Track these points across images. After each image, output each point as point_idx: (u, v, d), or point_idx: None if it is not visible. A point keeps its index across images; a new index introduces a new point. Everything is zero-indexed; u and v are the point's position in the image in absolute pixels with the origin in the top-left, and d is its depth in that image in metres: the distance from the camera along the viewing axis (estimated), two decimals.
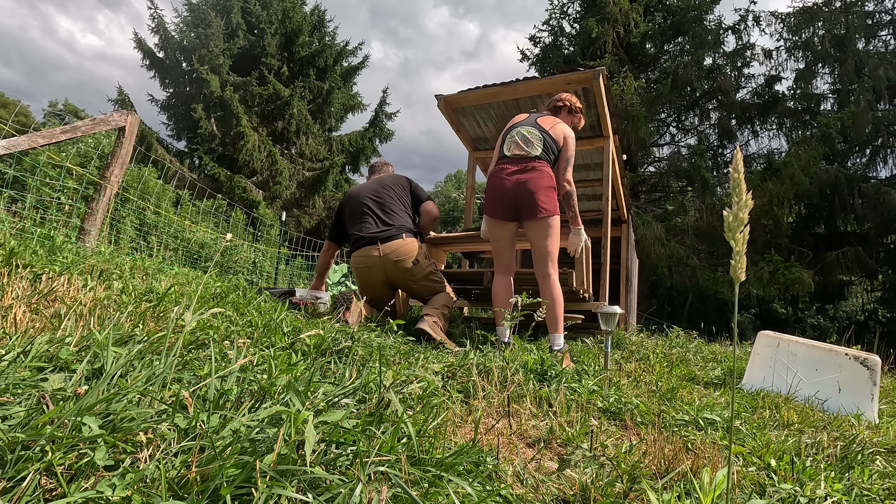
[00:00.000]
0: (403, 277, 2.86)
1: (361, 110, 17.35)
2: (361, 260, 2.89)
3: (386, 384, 1.06)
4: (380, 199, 3.01)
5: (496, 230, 2.74)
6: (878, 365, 2.51)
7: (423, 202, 3.17)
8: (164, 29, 14.30)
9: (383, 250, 2.82)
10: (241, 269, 7.18)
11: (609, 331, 2.37)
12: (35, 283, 1.65)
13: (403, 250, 2.82)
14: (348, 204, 3.09)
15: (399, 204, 3.01)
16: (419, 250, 2.88)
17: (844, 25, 12.04)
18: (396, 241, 2.83)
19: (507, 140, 2.78)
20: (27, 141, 2.93)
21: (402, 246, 2.82)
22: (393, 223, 2.91)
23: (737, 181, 0.66)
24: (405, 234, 2.86)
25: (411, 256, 2.83)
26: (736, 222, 0.65)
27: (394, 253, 2.81)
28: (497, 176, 2.71)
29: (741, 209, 0.65)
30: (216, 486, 0.61)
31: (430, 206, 3.16)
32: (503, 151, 2.77)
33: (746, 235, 0.65)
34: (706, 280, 11.01)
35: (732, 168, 0.66)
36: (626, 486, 0.94)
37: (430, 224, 3.20)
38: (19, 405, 0.75)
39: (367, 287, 2.98)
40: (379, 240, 2.84)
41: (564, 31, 14.85)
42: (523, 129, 2.75)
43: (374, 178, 3.25)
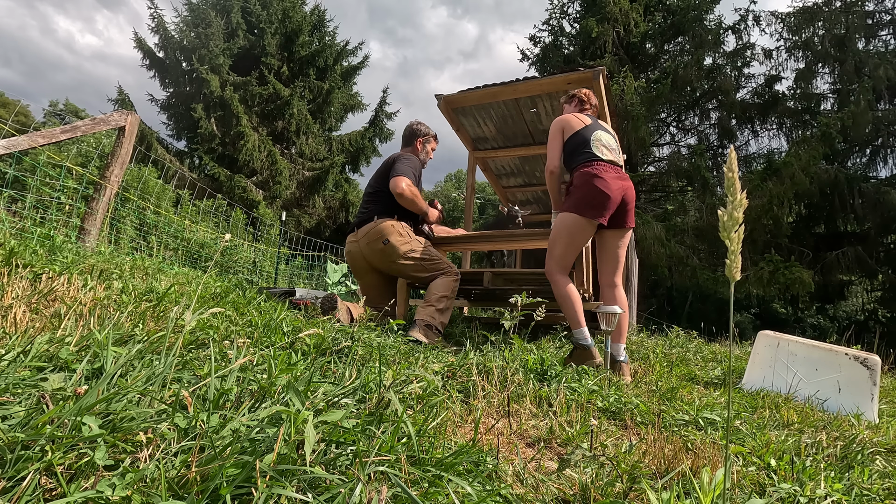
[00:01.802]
0: (382, 261, 2.88)
1: (361, 110, 17.36)
2: (347, 248, 3.04)
3: (386, 384, 1.06)
4: (371, 183, 3.06)
5: (588, 230, 2.52)
6: (878, 365, 2.51)
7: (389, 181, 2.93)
8: (164, 29, 14.30)
9: (358, 236, 2.92)
10: (241, 269, 7.18)
11: (609, 330, 2.36)
12: (35, 283, 1.65)
13: (373, 232, 2.85)
14: None
15: (381, 186, 2.96)
16: (392, 230, 2.84)
17: (844, 25, 12.04)
18: (367, 225, 2.89)
19: (594, 141, 2.60)
20: (27, 140, 2.93)
21: (371, 228, 2.86)
22: (368, 207, 2.95)
23: (731, 181, 0.66)
24: (377, 216, 2.88)
25: (381, 237, 2.83)
26: (731, 221, 0.65)
27: (365, 237, 2.87)
28: (602, 177, 2.47)
29: (736, 208, 0.65)
30: (216, 485, 0.61)
31: (391, 185, 2.85)
32: (594, 153, 2.56)
33: (741, 235, 0.65)
34: (706, 280, 11.01)
35: (727, 168, 0.66)
36: (625, 485, 0.94)
37: (404, 203, 2.87)
38: (19, 405, 0.75)
39: (358, 277, 3.09)
40: (356, 226, 2.96)
41: (564, 31, 14.85)
42: (604, 135, 2.66)
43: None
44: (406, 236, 2.89)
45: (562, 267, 2.55)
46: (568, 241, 2.53)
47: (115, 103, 13.53)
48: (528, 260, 6.68)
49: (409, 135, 3.23)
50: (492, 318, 4.61)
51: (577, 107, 2.90)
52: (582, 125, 2.68)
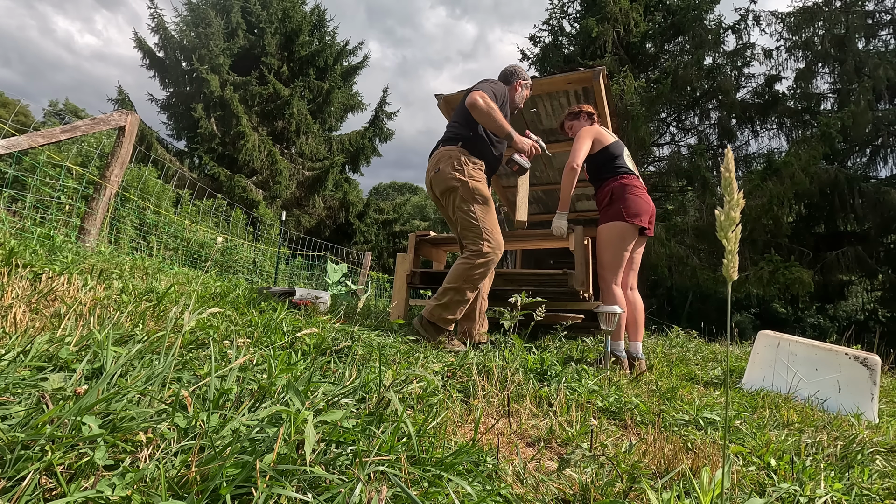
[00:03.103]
0: (439, 195, 2.55)
1: (361, 110, 17.37)
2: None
3: (386, 384, 1.06)
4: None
5: (633, 236, 2.68)
6: (878, 365, 2.51)
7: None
8: (163, 28, 14.30)
9: (429, 164, 2.61)
10: (241, 269, 7.18)
11: (609, 330, 2.37)
12: (35, 283, 1.65)
13: (432, 158, 2.56)
14: None
15: (456, 115, 2.64)
16: (446, 157, 2.47)
17: (844, 25, 12.03)
18: (434, 153, 2.58)
19: (627, 158, 2.83)
20: (27, 140, 2.93)
21: (433, 156, 2.58)
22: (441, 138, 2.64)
23: (728, 180, 0.66)
24: (442, 143, 2.56)
25: (435, 164, 2.50)
26: (727, 221, 0.65)
27: (430, 164, 2.58)
28: (640, 188, 2.73)
29: (732, 208, 0.65)
30: (216, 485, 0.61)
31: (466, 98, 2.47)
32: (629, 166, 2.77)
33: (738, 234, 0.65)
34: (706, 280, 11.00)
35: (724, 167, 0.66)
36: (625, 485, 0.94)
37: (478, 115, 2.43)
38: (19, 405, 0.75)
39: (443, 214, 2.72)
40: (431, 154, 2.66)
41: (564, 31, 14.84)
42: (627, 152, 2.89)
43: None
44: (460, 168, 2.44)
45: (614, 275, 2.68)
46: (620, 247, 2.67)
47: (114, 103, 13.53)
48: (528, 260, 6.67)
49: (508, 74, 2.82)
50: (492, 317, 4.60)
51: (588, 121, 3.01)
52: (612, 140, 2.86)
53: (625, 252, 2.67)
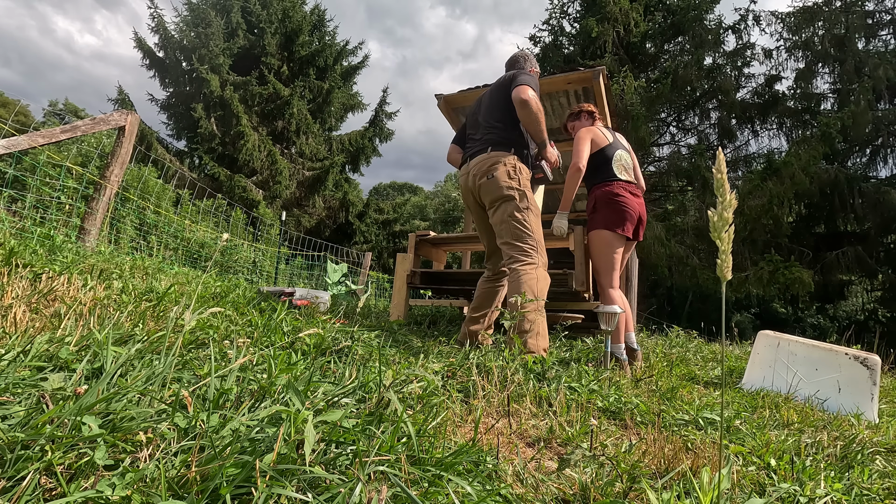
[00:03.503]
0: (484, 200, 2.41)
1: (361, 110, 17.37)
2: (461, 180, 2.57)
3: (386, 384, 1.06)
4: (483, 115, 2.53)
5: (620, 243, 2.71)
6: (878, 365, 2.51)
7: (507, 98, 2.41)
8: (163, 28, 14.30)
9: (470, 166, 2.46)
10: (241, 269, 7.18)
11: (609, 330, 2.37)
12: (35, 283, 1.65)
13: (484, 162, 2.40)
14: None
15: (498, 116, 2.46)
16: (500, 165, 2.34)
17: (844, 25, 12.03)
18: (481, 155, 2.41)
19: (615, 161, 2.79)
20: (27, 140, 2.93)
21: (483, 158, 2.41)
22: (483, 138, 2.46)
23: (720, 182, 0.66)
24: (491, 147, 2.39)
25: (489, 170, 2.36)
26: (721, 222, 0.65)
27: (477, 166, 2.41)
28: (624, 195, 2.70)
29: (725, 209, 0.65)
30: (216, 485, 0.61)
31: (516, 92, 2.30)
32: (615, 173, 2.74)
33: (732, 234, 0.65)
34: (706, 280, 11.00)
35: (715, 169, 0.66)
36: (625, 485, 0.94)
37: (527, 115, 2.31)
38: (19, 405, 0.75)
39: (474, 218, 2.59)
40: (469, 157, 2.49)
41: (564, 31, 14.85)
42: (623, 154, 2.84)
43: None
44: (516, 177, 2.35)
45: (610, 277, 2.71)
46: (609, 253, 2.71)
47: (114, 103, 13.53)
48: None
49: (523, 59, 2.70)
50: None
51: (589, 121, 3.00)
52: (606, 143, 2.85)
53: (615, 256, 2.72)
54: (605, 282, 2.71)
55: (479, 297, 2.62)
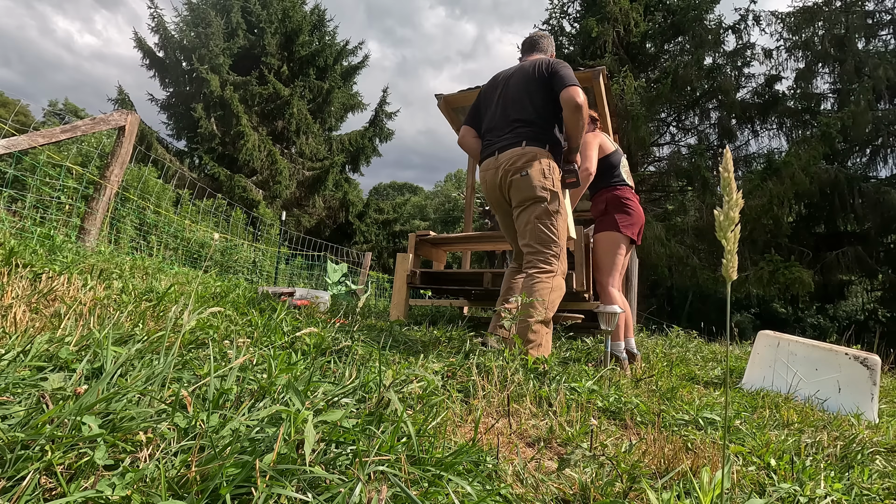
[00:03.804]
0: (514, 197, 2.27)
1: (361, 110, 17.37)
2: (482, 175, 2.39)
3: (385, 383, 1.06)
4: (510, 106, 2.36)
5: (628, 247, 2.83)
6: (878, 364, 2.51)
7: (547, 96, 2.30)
8: (164, 28, 14.31)
9: (499, 161, 2.28)
10: (241, 269, 7.18)
11: (609, 330, 2.37)
12: (35, 283, 1.65)
13: (517, 157, 2.24)
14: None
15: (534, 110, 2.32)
16: (536, 162, 2.20)
17: (844, 25, 12.03)
18: (514, 150, 2.25)
19: (622, 168, 2.92)
20: (27, 140, 2.93)
21: (516, 153, 2.25)
22: (516, 131, 2.30)
23: (727, 180, 0.66)
24: (526, 142, 2.24)
25: (524, 166, 2.21)
26: (727, 221, 0.65)
27: (508, 161, 2.25)
28: (634, 200, 2.85)
29: (732, 208, 0.65)
30: (216, 485, 0.61)
31: (570, 93, 2.16)
32: (624, 178, 2.89)
33: (738, 234, 0.65)
34: (706, 280, 11.01)
35: (723, 167, 0.66)
36: (625, 485, 0.94)
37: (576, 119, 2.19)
38: (19, 404, 0.75)
39: (497, 214, 2.45)
40: (497, 150, 2.31)
41: (564, 31, 14.84)
42: (624, 160, 3.00)
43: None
44: (550, 178, 2.22)
45: (613, 277, 2.77)
46: (616, 254, 2.77)
47: (115, 103, 13.53)
48: None
49: (546, 42, 2.57)
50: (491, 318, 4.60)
51: (592, 126, 3.05)
52: (613, 149, 2.94)
53: (621, 257, 2.79)
54: (608, 281, 2.76)
55: (507, 291, 2.44)
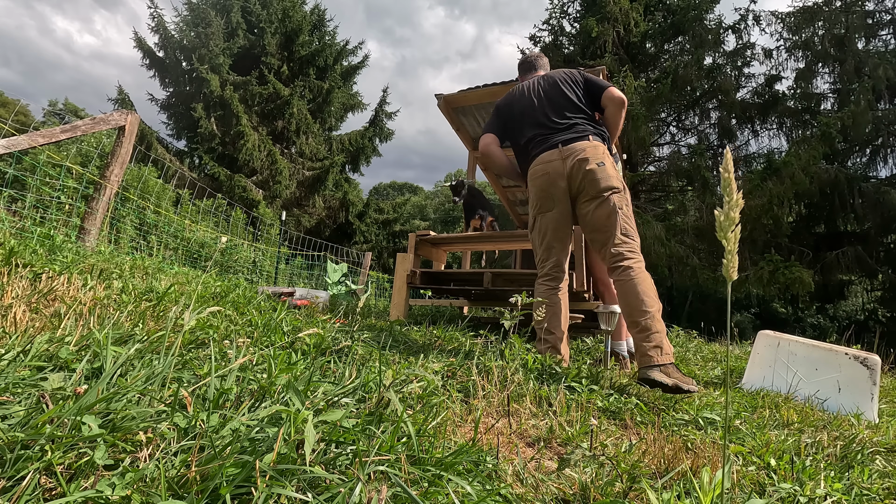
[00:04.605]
0: (585, 188, 2.19)
1: (361, 110, 17.37)
2: (542, 168, 2.28)
3: (385, 383, 1.06)
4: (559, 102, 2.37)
5: None
6: (878, 364, 2.51)
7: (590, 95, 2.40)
8: (164, 28, 14.30)
9: (566, 153, 2.22)
10: (241, 269, 7.18)
11: (609, 330, 2.37)
12: (35, 283, 1.65)
13: (591, 149, 2.21)
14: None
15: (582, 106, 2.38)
16: (607, 156, 2.23)
17: (844, 25, 12.03)
18: (582, 142, 2.24)
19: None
20: (27, 140, 2.93)
21: (588, 145, 2.23)
22: (575, 125, 2.30)
23: (727, 181, 0.66)
24: (591, 136, 2.26)
25: (598, 158, 2.19)
26: (727, 221, 0.65)
27: (583, 152, 2.20)
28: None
29: (732, 209, 0.65)
30: (216, 485, 0.61)
31: (615, 93, 2.32)
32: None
33: (738, 234, 0.65)
34: (706, 279, 11.00)
35: (723, 168, 0.66)
36: (625, 485, 0.94)
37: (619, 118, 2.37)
38: (19, 404, 0.75)
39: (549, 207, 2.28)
40: (560, 143, 2.26)
41: (564, 31, 14.84)
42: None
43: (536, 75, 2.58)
44: (618, 171, 2.26)
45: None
46: None
47: (114, 103, 13.53)
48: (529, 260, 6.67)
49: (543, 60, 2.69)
50: (492, 317, 4.61)
51: None
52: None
53: None
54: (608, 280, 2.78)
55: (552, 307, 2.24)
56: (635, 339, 1.93)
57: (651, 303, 1.97)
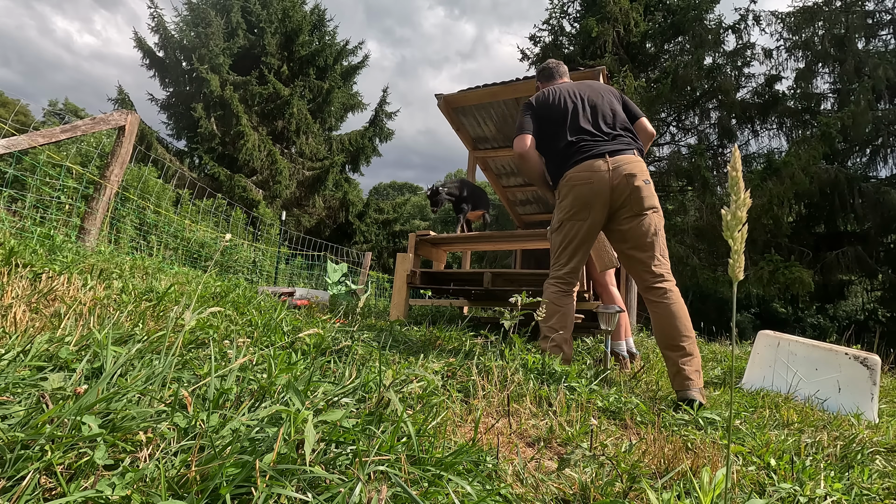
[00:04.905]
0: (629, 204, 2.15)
1: (361, 110, 17.36)
2: (586, 176, 2.18)
3: (385, 383, 1.06)
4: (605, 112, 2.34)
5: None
6: (878, 364, 2.51)
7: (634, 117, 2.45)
8: (164, 28, 14.30)
9: (613, 164, 2.15)
10: (241, 269, 7.18)
11: (609, 330, 2.37)
12: (35, 283, 1.65)
13: (637, 165, 2.18)
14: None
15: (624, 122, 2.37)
16: (649, 175, 2.21)
17: (844, 25, 12.04)
18: (629, 155, 2.20)
19: None
20: (27, 140, 2.93)
21: (634, 160, 2.20)
22: (621, 138, 2.27)
23: (735, 180, 0.66)
24: (636, 151, 2.24)
25: (644, 175, 2.17)
26: (734, 221, 0.65)
27: (629, 165, 2.16)
28: None
29: (739, 208, 0.64)
30: (216, 485, 0.61)
31: (649, 126, 2.43)
32: None
33: (745, 234, 0.65)
34: (706, 279, 11.00)
35: (731, 167, 0.66)
36: (625, 485, 0.94)
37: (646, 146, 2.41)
38: (19, 404, 0.75)
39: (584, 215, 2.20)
40: (606, 153, 2.19)
41: (564, 31, 14.85)
42: None
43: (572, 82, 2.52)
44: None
45: (611, 275, 2.94)
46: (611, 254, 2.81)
47: (115, 103, 13.53)
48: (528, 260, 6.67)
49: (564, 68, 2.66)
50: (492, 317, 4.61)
51: None
52: None
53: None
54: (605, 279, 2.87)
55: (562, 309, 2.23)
56: (676, 360, 1.95)
57: (690, 327, 2.02)
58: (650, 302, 2.09)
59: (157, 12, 14.07)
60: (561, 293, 2.24)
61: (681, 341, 1.96)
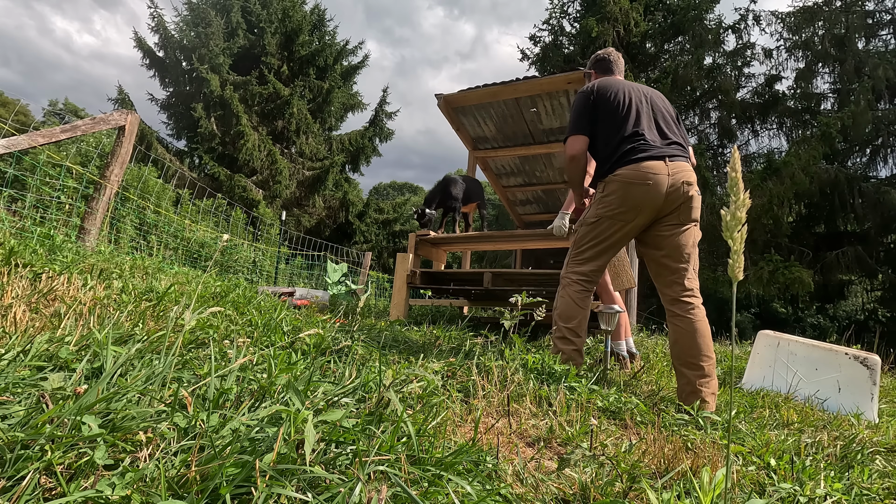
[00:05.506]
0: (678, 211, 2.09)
1: (361, 109, 17.37)
2: (645, 176, 2.06)
3: (385, 383, 1.06)
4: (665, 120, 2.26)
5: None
6: (878, 364, 2.51)
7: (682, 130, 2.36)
8: (164, 28, 14.31)
9: (672, 168, 2.06)
10: (241, 269, 7.18)
11: (609, 330, 2.37)
12: (35, 283, 1.65)
13: (691, 174, 2.13)
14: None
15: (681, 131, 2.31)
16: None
17: (844, 25, 12.04)
18: (686, 162, 2.14)
19: None
20: (27, 140, 2.93)
21: (689, 169, 2.14)
22: (678, 146, 2.19)
23: (734, 180, 0.66)
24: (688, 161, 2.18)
25: (695, 184, 2.13)
26: (734, 221, 0.65)
27: (685, 173, 2.08)
28: None
29: (739, 208, 0.64)
30: (216, 485, 0.61)
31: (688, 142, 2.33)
32: None
33: (744, 234, 0.65)
34: (706, 279, 11.01)
35: (730, 167, 0.66)
36: (625, 485, 0.94)
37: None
38: (19, 404, 0.75)
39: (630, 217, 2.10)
40: (666, 156, 2.10)
41: (564, 31, 14.85)
42: None
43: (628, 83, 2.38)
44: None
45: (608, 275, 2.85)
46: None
47: (114, 102, 13.53)
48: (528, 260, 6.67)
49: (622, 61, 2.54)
50: (492, 317, 4.61)
51: None
52: None
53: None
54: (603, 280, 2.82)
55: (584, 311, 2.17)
56: (693, 380, 1.88)
57: (712, 348, 1.96)
58: (674, 315, 2.00)
59: (157, 12, 14.07)
60: (584, 294, 2.16)
61: (701, 360, 1.89)
